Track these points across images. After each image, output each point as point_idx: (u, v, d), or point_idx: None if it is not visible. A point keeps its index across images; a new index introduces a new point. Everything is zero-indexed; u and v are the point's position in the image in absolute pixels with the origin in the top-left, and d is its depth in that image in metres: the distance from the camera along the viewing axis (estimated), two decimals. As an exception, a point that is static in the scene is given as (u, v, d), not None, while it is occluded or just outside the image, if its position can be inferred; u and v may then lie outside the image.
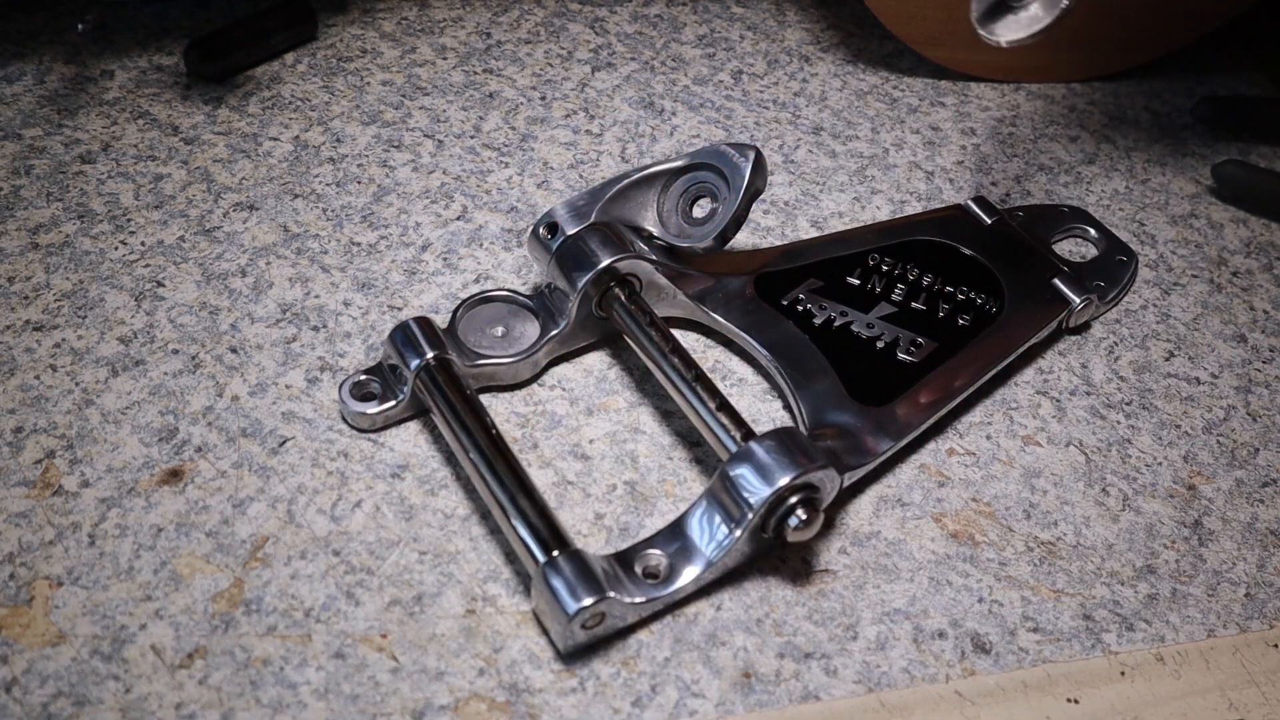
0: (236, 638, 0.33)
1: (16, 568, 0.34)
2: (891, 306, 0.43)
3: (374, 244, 0.46)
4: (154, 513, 0.36)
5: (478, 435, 0.36)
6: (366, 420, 0.39)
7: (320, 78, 0.54)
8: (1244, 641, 0.36)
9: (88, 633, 0.33)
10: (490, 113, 0.53)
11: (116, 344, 0.41)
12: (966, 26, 0.43)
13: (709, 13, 0.62)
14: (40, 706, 0.31)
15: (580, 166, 0.51)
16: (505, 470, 0.35)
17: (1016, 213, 0.49)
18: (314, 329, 0.42)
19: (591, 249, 0.40)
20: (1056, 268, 0.46)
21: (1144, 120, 0.58)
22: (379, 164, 0.50)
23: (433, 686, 0.33)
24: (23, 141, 0.49)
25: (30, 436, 0.38)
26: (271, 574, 0.35)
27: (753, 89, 0.57)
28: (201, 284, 0.44)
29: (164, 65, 0.54)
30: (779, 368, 0.41)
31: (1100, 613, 0.36)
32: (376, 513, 0.37)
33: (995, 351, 0.42)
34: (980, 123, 0.56)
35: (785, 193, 0.51)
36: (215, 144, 0.50)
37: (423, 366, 0.38)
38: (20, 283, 0.43)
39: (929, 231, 0.47)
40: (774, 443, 0.35)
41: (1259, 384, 0.45)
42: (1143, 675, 0.35)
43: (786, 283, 0.44)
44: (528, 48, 0.58)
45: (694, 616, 0.35)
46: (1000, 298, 0.44)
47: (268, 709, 0.32)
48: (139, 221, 0.46)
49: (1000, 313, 0.44)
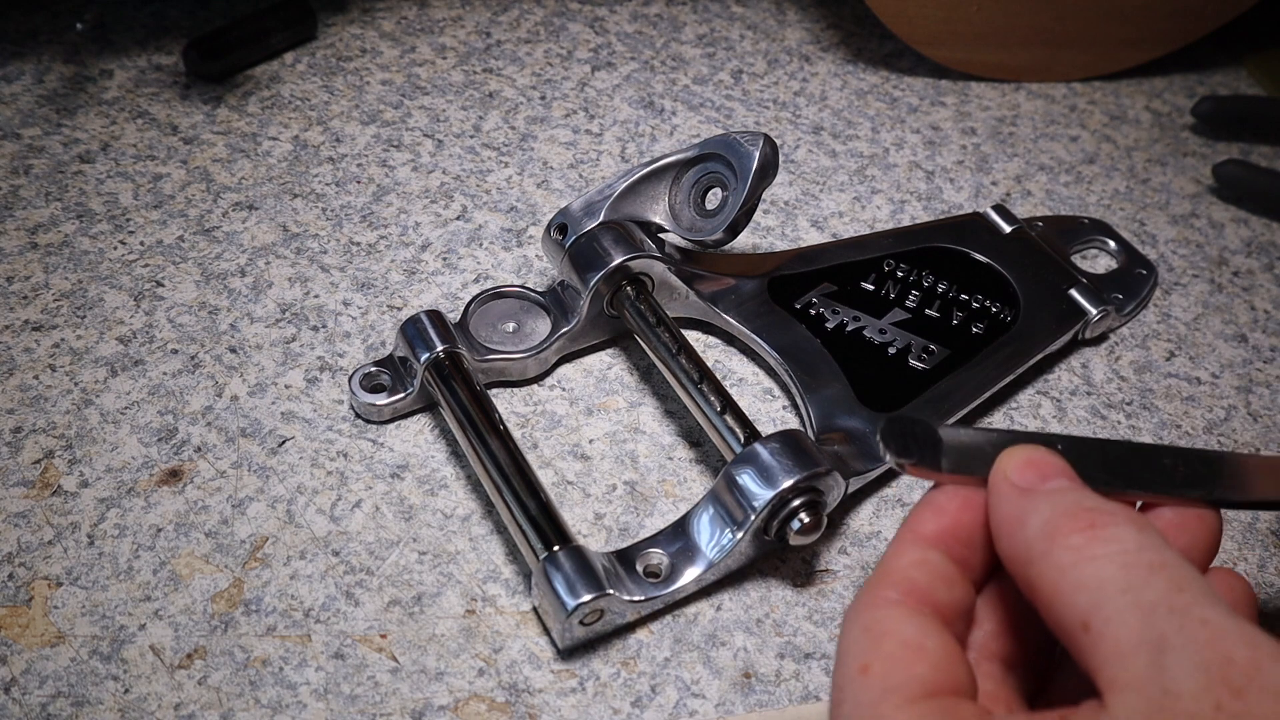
0: (236, 638, 0.33)
1: (15, 568, 0.34)
2: (905, 313, 0.43)
3: (373, 244, 0.46)
4: (153, 513, 0.36)
5: (484, 429, 0.36)
6: (376, 412, 0.39)
7: (320, 77, 0.54)
8: (1245, 642, 0.36)
9: (87, 633, 0.33)
10: (490, 112, 0.53)
11: (115, 344, 0.41)
12: (966, 26, 0.43)
13: (709, 12, 0.61)
14: (39, 707, 0.31)
15: (580, 166, 0.51)
16: (510, 465, 0.35)
17: (1036, 222, 0.48)
18: (313, 329, 0.42)
19: (604, 247, 0.40)
20: (1074, 278, 0.45)
21: (1144, 120, 0.58)
22: (378, 164, 0.50)
23: (432, 687, 0.33)
24: (22, 141, 0.49)
25: (29, 436, 0.38)
26: (271, 574, 0.35)
27: (753, 88, 0.57)
28: (201, 284, 0.44)
29: (163, 65, 0.54)
30: (789, 371, 0.41)
31: (1101, 613, 0.36)
32: (376, 513, 0.37)
33: (1008, 361, 0.42)
34: (980, 122, 0.56)
35: (785, 192, 0.51)
36: (214, 143, 0.50)
37: (432, 360, 0.38)
38: (19, 282, 0.43)
39: (946, 238, 0.46)
40: (779, 445, 0.35)
41: (1260, 384, 0.45)
42: (1143, 675, 0.35)
43: (800, 286, 0.44)
44: (527, 47, 0.57)
45: (694, 616, 0.35)
46: (1015, 307, 0.44)
47: (267, 709, 0.32)
48: (138, 221, 0.46)
49: (1015, 322, 0.43)
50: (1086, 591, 0.23)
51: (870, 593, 0.26)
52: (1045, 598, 0.24)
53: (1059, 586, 0.24)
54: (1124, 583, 0.23)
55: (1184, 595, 0.22)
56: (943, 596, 0.26)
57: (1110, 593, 0.23)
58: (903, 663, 0.24)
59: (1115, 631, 0.22)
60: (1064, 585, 0.23)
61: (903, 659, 0.24)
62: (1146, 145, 0.56)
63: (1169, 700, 0.21)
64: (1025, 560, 0.25)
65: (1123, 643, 0.22)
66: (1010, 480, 0.26)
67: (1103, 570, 0.23)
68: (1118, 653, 0.22)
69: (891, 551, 0.27)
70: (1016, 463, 0.26)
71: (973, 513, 0.27)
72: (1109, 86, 0.60)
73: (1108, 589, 0.23)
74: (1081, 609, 0.23)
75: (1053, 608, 0.24)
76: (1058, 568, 0.24)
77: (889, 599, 0.26)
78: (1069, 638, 0.23)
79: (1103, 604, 0.23)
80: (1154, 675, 0.21)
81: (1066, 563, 0.24)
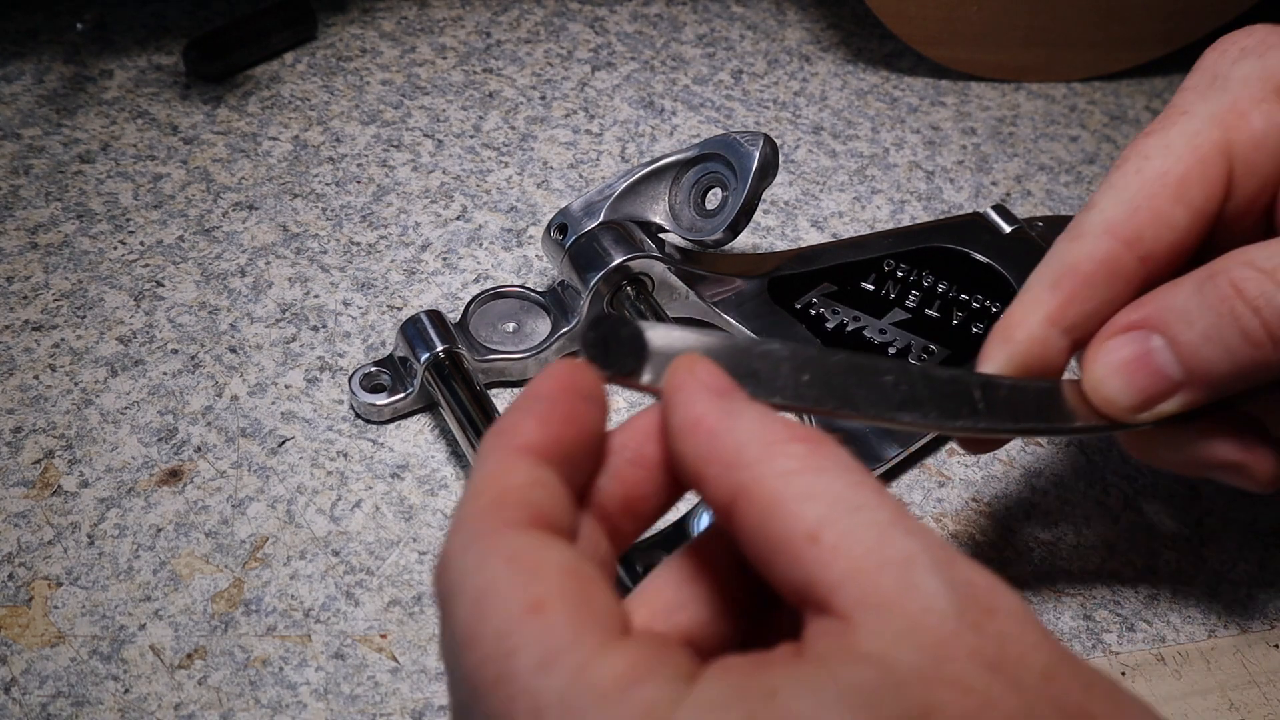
0: (236, 638, 0.33)
1: (15, 568, 0.34)
2: (905, 313, 0.43)
3: (373, 244, 0.46)
4: (153, 513, 0.36)
5: (485, 429, 0.36)
6: (376, 412, 0.39)
7: (320, 77, 0.54)
8: (1244, 642, 0.36)
9: (87, 633, 0.33)
10: (490, 112, 0.53)
11: (115, 344, 0.41)
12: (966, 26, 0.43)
13: (709, 12, 0.61)
14: (39, 707, 0.31)
15: (580, 166, 0.51)
16: None
17: (1036, 222, 0.48)
18: (313, 329, 0.42)
19: (604, 247, 0.40)
20: None
21: (1144, 120, 0.58)
22: (378, 164, 0.50)
23: (433, 686, 0.33)
24: (22, 141, 0.49)
25: (29, 436, 0.38)
26: (271, 574, 0.35)
27: (753, 88, 0.57)
28: (201, 284, 0.44)
29: (163, 65, 0.54)
30: None
31: (1100, 613, 0.36)
32: (376, 513, 0.37)
33: None
34: (980, 122, 0.56)
35: (785, 192, 0.51)
36: (214, 143, 0.50)
37: (432, 360, 0.38)
38: (19, 282, 0.43)
39: (946, 238, 0.46)
40: None
41: (1259, 384, 0.45)
42: (1143, 675, 0.35)
43: (800, 286, 0.44)
44: (527, 47, 0.57)
45: (694, 617, 0.35)
46: None
47: (267, 709, 0.32)
48: (138, 221, 0.46)
49: None
50: (816, 501, 0.21)
51: (491, 516, 0.22)
52: (761, 506, 0.21)
53: (781, 494, 0.21)
54: (856, 500, 0.21)
55: (912, 520, 0.21)
56: (568, 527, 0.23)
57: (842, 508, 0.21)
58: (586, 595, 0.21)
59: (852, 546, 0.20)
60: (788, 493, 0.21)
61: (585, 591, 0.21)
62: (1146, 145, 0.56)
63: (927, 617, 0.20)
64: (734, 464, 0.22)
65: (863, 559, 0.20)
66: (705, 383, 0.23)
67: (832, 483, 0.21)
68: (859, 569, 0.20)
69: (494, 466, 0.23)
70: (710, 367, 0.23)
71: (576, 428, 0.23)
72: (1109, 86, 0.60)
73: (839, 504, 0.21)
74: (809, 520, 0.21)
75: (772, 517, 0.21)
76: (779, 474, 0.21)
77: (517, 520, 0.22)
78: (790, 551, 0.21)
79: (836, 518, 0.20)
80: (906, 593, 0.20)
81: (791, 469, 0.21)
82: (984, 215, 0.48)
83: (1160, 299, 0.29)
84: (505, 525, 0.21)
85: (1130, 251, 0.29)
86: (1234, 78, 0.30)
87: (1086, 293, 0.30)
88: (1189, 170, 0.29)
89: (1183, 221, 0.29)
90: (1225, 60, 0.31)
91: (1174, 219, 0.29)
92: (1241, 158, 0.30)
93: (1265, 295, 0.28)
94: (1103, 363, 0.30)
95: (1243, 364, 0.28)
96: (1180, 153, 0.30)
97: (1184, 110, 0.30)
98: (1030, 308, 0.30)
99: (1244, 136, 0.30)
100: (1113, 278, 0.30)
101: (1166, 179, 0.29)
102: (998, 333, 0.31)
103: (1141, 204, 0.29)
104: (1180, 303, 0.29)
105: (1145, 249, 0.29)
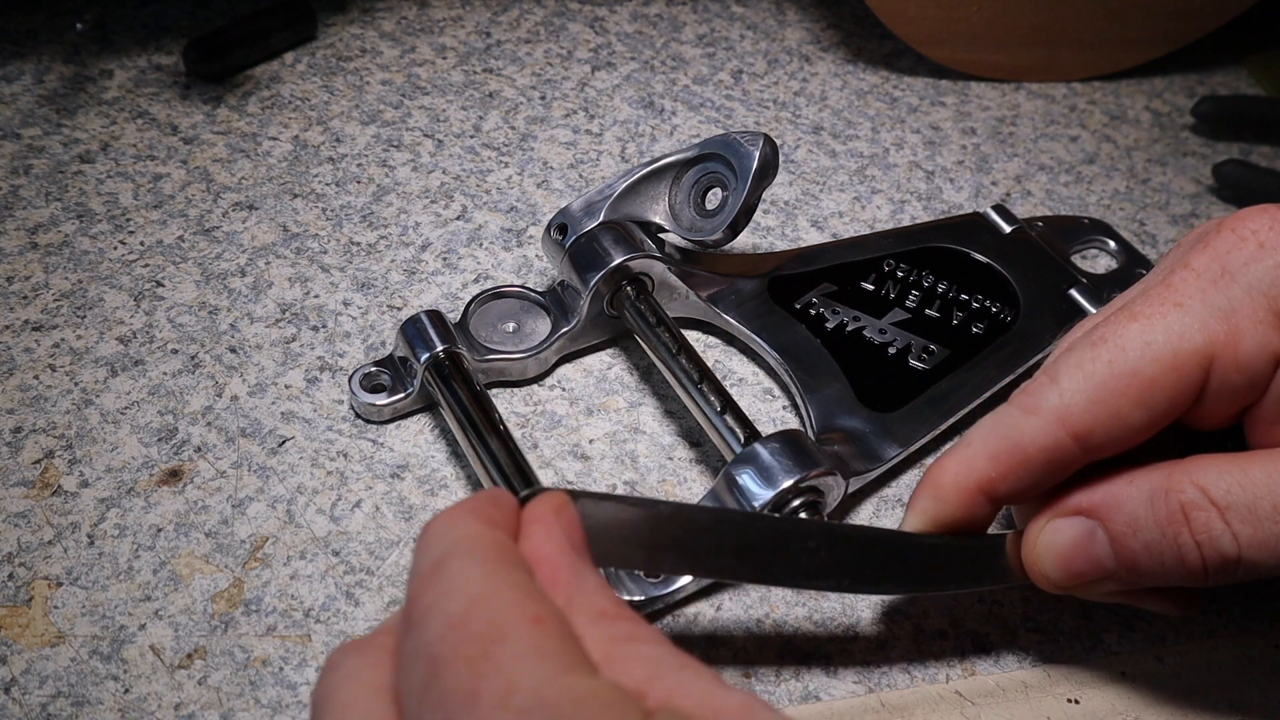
0: (236, 638, 0.33)
1: (15, 568, 0.34)
2: (905, 313, 0.43)
3: (373, 244, 0.46)
4: (153, 513, 0.36)
5: (484, 429, 0.36)
6: (376, 412, 0.39)
7: (320, 77, 0.54)
8: (1244, 642, 0.36)
9: (87, 633, 0.33)
10: (490, 112, 0.53)
11: (115, 344, 0.41)
12: (966, 26, 0.43)
13: (709, 12, 0.61)
14: (39, 707, 0.31)
15: (580, 166, 0.51)
16: (510, 465, 0.35)
17: (1036, 222, 0.48)
18: (313, 329, 0.42)
19: (604, 247, 0.40)
20: (1074, 278, 0.45)
21: (1144, 120, 0.58)
22: (378, 164, 0.50)
23: (432, 687, 0.33)
24: (21, 141, 0.49)
25: (29, 436, 0.38)
26: (271, 574, 0.35)
27: (753, 88, 0.57)
28: (201, 284, 0.44)
29: (163, 65, 0.54)
30: (789, 371, 0.41)
31: (1100, 613, 0.36)
32: (376, 513, 0.37)
33: (1008, 361, 0.42)
34: (980, 122, 0.56)
35: (785, 192, 0.51)
36: (214, 143, 0.50)
37: (432, 360, 0.38)
38: (19, 282, 0.43)
39: (946, 238, 0.46)
40: (779, 445, 0.35)
41: (1259, 384, 0.45)
42: (1143, 675, 0.35)
43: (800, 286, 0.44)
44: (527, 47, 0.58)
45: (694, 616, 0.35)
46: (1015, 307, 0.44)
47: (267, 709, 0.32)
48: (138, 221, 0.46)
49: (1015, 322, 0.43)
50: (642, 664, 0.22)
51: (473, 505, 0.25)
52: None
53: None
54: (680, 661, 0.22)
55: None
56: None
57: (668, 666, 0.22)
58: (594, 594, 0.23)
59: (682, 700, 0.22)
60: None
61: (590, 593, 0.23)
62: (1146, 145, 0.56)
63: None
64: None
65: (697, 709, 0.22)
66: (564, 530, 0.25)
67: (655, 649, 0.23)
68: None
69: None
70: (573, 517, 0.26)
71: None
72: (1109, 86, 0.60)
73: (664, 663, 0.22)
74: (638, 679, 0.22)
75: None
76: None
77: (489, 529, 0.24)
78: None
79: (663, 674, 0.22)
80: None
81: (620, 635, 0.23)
82: (984, 215, 0.48)
83: (1113, 493, 0.30)
84: (487, 531, 0.24)
85: (1078, 444, 0.30)
86: (1240, 282, 0.29)
87: (1023, 473, 0.30)
88: (1160, 378, 0.29)
89: (1140, 422, 0.29)
90: (1238, 255, 0.29)
91: (1131, 420, 0.29)
92: (1220, 376, 0.29)
93: (1211, 534, 0.28)
94: (1045, 542, 0.31)
95: (1174, 580, 0.30)
96: (1158, 354, 0.29)
97: (1178, 303, 0.29)
98: (965, 470, 0.31)
99: (1230, 356, 0.29)
100: (1053, 465, 0.30)
101: (1135, 380, 0.29)
102: (929, 484, 0.32)
103: (1102, 400, 0.29)
104: (1130, 507, 0.29)
105: (1094, 444, 0.30)
